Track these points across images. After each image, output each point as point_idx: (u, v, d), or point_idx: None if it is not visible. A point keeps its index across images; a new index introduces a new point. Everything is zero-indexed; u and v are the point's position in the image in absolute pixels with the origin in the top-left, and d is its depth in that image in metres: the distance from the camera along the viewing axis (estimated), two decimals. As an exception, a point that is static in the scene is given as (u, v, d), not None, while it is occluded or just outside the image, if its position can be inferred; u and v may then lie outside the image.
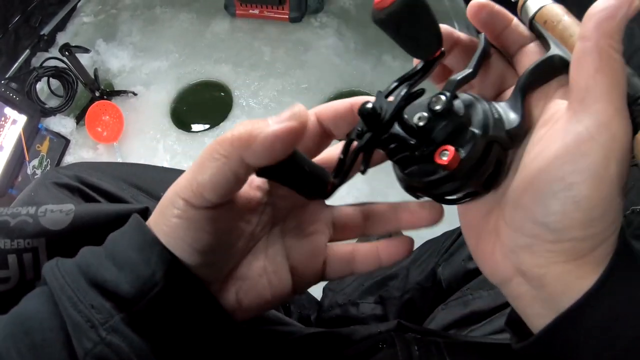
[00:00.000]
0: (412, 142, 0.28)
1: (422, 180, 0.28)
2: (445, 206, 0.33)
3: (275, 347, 0.40)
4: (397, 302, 0.69)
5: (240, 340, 0.31)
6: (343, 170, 0.29)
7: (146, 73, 1.43)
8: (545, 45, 0.30)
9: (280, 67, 1.44)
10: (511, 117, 0.28)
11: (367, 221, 0.34)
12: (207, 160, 0.25)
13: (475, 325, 0.50)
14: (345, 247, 0.33)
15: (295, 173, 0.27)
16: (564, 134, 0.24)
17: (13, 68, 1.30)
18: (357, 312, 0.74)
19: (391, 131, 0.28)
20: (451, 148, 0.26)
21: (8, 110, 1.15)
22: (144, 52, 1.46)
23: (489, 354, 0.37)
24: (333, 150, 0.33)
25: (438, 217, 0.33)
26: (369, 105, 0.27)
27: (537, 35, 0.30)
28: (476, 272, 0.56)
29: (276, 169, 0.26)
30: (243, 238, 0.30)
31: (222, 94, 1.41)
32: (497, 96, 0.31)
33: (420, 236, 0.96)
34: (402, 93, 0.27)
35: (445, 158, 0.26)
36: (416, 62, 0.29)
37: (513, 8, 0.31)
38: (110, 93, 1.36)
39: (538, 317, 0.27)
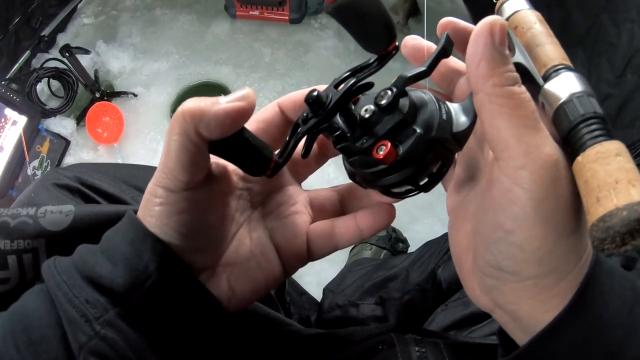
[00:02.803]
0: (348, 135, 0.29)
1: (361, 171, 0.29)
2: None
3: (275, 348, 0.40)
4: (397, 303, 0.69)
5: (240, 339, 0.31)
6: (286, 151, 0.30)
7: (146, 74, 1.43)
8: (511, 50, 0.30)
9: (280, 69, 1.44)
10: (461, 120, 0.28)
11: (343, 200, 0.36)
12: (168, 145, 0.26)
13: (475, 326, 0.50)
14: (325, 222, 0.34)
15: (242, 149, 0.28)
16: (491, 185, 0.25)
17: (13, 69, 1.30)
18: (357, 313, 0.74)
19: (333, 120, 0.29)
20: (388, 143, 0.27)
21: (8, 111, 1.15)
22: (144, 54, 1.46)
23: (488, 355, 0.37)
24: None
25: None
26: (315, 93, 0.28)
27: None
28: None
29: (226, 145, 0.27)
30: (225, 221, 0.31)
31: (223, 95, 1.41)
32: None
33: (421, 238, 0.97)
34: (349, 84, 0.28)
35: (381, 152, 0.27)
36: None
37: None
38: (111, 94, 1.36)
39: (521, 342, 0.27)
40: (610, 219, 0.21)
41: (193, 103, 0.25)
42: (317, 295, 0.92)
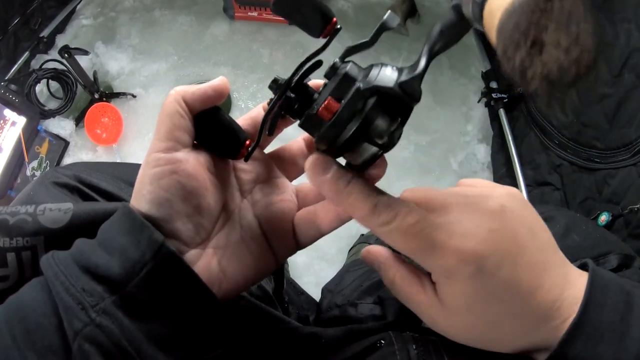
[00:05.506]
0: (292, 97, 0.32)
1: (319, 137, 0.30)
2: None
3: (274, 344, 0.40)
4: (396, 302, 0.69)
5: (238, 333, 0.32)
6: (258, 134, 0.33)
7: (145, 75, 1.43)
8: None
9: (279, 70, 1.44)
10: (409, 72, 0.28)
11: None
12: (163, 112, 0.31)
13: (474, 324, 0.50)
14: (308, 208, 0.36)
15: (218, 125, 0.33)
16: None
17: (12, 70, 1.30)
18: (355, 313, 0.73)
19: (293, 99, 0.32)
20: (329, 99, 0.29)
21: (7, 112, 1.15)
22: (143, 55, 1.46)
23: (486, 352, 0.37)
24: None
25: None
26: (273, 79, 0.32)
27: None
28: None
29: (206, 119, 0.32)
30: (209, 191, 0.33)
31: (221, 96, 1.41)
32: None
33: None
34: (299, 64, 0.31)
35: (322, 108, 0.28)
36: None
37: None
38: (110, 95, 1.36)
39: None
40: (504, 18, 0.18)
41: (180, 86, 0.31)
42: (316, 295, 0.91)
